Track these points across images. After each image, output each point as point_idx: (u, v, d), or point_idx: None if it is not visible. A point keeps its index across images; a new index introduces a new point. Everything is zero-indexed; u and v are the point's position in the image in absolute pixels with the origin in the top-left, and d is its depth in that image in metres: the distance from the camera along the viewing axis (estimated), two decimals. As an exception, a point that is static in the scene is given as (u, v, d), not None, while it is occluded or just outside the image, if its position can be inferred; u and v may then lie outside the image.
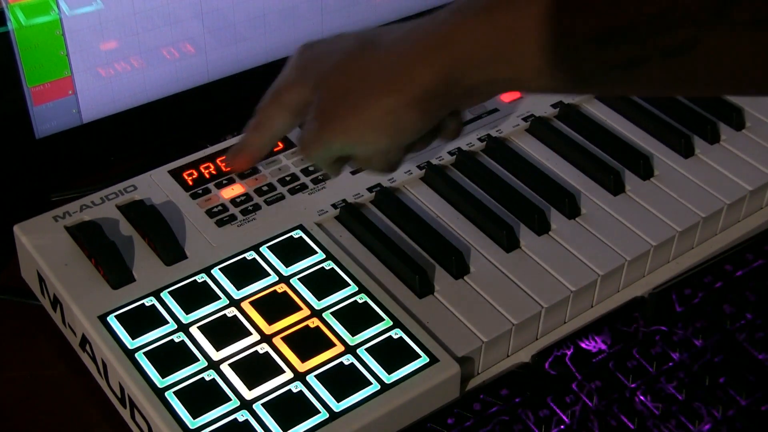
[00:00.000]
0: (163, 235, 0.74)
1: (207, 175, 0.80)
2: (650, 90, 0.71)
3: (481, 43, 0.57)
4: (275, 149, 0.83)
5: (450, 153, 0.83)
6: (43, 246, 0.74)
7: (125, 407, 0.68)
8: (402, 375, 0.67)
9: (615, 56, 0.54)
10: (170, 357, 0.67)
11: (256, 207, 0.78)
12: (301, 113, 0.67)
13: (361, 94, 0.62)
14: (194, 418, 0.64)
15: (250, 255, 0.74)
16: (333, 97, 0.64)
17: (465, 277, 0.74)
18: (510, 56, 0.57)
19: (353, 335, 0.69)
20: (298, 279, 0.72)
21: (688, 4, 0.52)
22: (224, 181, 0.80)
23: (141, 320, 0.69)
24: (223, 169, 0.81)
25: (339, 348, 0.68)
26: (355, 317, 0.70)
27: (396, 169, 0.69)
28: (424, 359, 0.68)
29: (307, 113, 0.67)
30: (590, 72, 0.56)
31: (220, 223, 0.76)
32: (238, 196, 0.79)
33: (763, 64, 0.52)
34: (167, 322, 0.69)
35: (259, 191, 0.79)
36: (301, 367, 0.67)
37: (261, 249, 0.74)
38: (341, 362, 0.67)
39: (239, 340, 0.68)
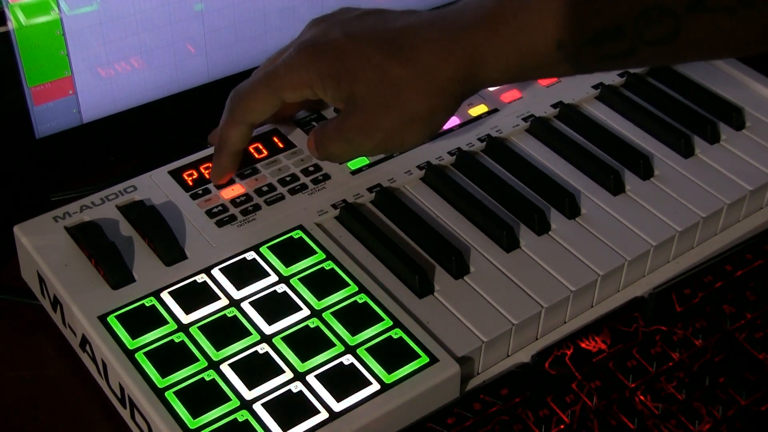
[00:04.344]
0: (163, 236, 0.74)
1: (207, 176, 0.80)
2: (642, 67, 0.89)
3: (505, 54, 0.67)
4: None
5: (450, 153, 0.83)
6: (43, 246, 0.74)
7: (125, 407, 0.68)
8: (402, 375, 0.67)
9: (608, 51, 0.64)
10: (170, 357, 0.67)
11: (256, 207, 0.78)
12: (288, 105, 0.74)
13: (397, 106, 0.69)
14: (194, 418, 0.64)
15: (250, 255, 0.74)
16: (368, 109, 0.70)
17: (465, 277, 0.74)
18: (526, 63, 0.67)
19: (353, 335, 0.69)
20: (298, 279, 0.72)
21: (666, 1, 0.61)
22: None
23: (141, 320, 0.69)
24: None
25: (339, 348, 0.68)
26: (355, 317, 0.70)
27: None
28: (424, 359, 0.68)
29: (293, 108, 0.78)
30: (588, 63, 0.66)
31: (220, 224, 0.76)
32: (238, 197, 0.79)
33: (741, 39, 0.61)
34: (167, 322, 0.69)
35: (259, 191, 0.79)
36: (301, 367, 0.67)
37: (261, 249, 0.74)
38: (341, 362, 0.67)
39: (239, 339, 0.68)
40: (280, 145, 0.83)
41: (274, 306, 0.71)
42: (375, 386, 0.66)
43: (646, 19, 0.61)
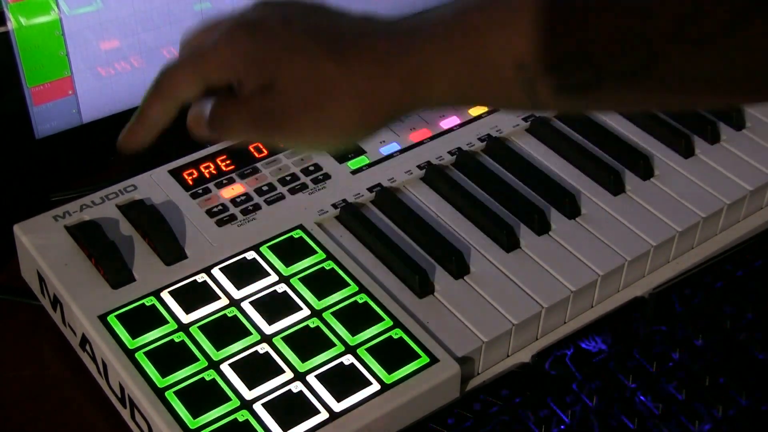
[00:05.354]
0: (163, 235, 0.74)
1: (207, 175, 0.80)
2: (607, 109, 0.78)
3: (456, 72, 0.58)
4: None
5: (450, 153, 0.83)
6: (43, 246, 0.74)
7: (125, 407, 0.68)
8: (402, 375, 0.67)
9: (569, 80, 0.55)
10: (170, 357, 0.67)
11: (256, 207, 0.78)
12: (213, 87, 0.64)
13: (318, 107, 0.60)
14: (194, 418, 0.64)
15: (250, 255, 0.74)
16: (285, 100, 0.60)
17: (465, 277, 0.74)
18: (478, 84, 0.58)
19: (353, 335, 0.69)
20: (298, 279, 0.72)
21: (644, 28, 0.52)
22: (224, 181, 0.80)
23: (141, 320, 0.69)
24: (216, 166, 0.80)
25: (339, 348, 0.68)
26: (355, 317, 0.70)
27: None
28: (424, 359, 0.68)
29: (221, 91, 0.63)
30: (544, 94, 0.57)
31: (220, 223, 0.76)
32: (238, 196, 0.79)
33: (720, 79, 0.53)
34: (167, 322, 0.69)
35: (259, 191, 0.79)
36: (301, 367, 0.67)
37: (261, 249, 0.74)
38: (341, 362, 0.67)
39: (239, 339, 0.68)
40: (280, 145, 0.83)
41: (274, 306, 0.71)
42: (375, 386, 0.66)
43: (619, 45, 0.54)
